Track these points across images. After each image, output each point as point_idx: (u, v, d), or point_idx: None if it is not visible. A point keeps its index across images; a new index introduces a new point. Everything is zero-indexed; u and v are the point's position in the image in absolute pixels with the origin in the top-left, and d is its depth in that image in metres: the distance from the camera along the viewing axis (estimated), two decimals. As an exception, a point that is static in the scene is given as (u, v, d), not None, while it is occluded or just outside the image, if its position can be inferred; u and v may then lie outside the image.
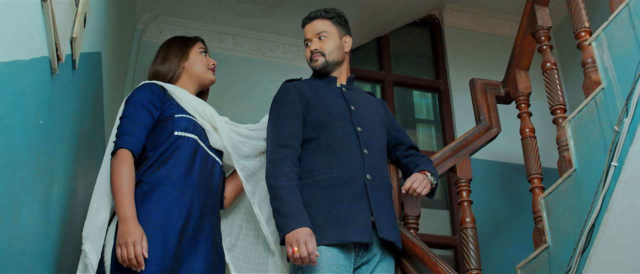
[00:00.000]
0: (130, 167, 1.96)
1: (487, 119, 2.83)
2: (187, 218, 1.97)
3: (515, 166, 3.87)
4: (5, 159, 1.37)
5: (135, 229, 1.84)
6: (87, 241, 1.91)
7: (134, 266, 1.81)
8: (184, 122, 2.11)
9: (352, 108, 2.34)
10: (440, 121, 4.43)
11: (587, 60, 2.25)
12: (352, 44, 2.49)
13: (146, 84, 2.16)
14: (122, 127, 2.04)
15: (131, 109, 2.07)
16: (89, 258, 1.89)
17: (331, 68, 2.39)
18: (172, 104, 2.14)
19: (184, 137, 2.09)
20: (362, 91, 2.51)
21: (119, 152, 1.98)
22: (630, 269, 2.07)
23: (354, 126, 2.28)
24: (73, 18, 1.91)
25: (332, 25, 2.41)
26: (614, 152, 1.95)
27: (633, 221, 1.97)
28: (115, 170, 1.95)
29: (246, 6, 4.12)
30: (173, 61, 2.27)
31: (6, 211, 1.41)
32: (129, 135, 2.01)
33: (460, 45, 4.59)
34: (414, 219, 2.61)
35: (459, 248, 3.76)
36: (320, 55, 2.37)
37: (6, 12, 1.30)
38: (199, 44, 2.35)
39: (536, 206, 2.43)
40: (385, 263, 2.19)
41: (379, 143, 2.34)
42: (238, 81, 4.14)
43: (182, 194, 1.99)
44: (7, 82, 1.35)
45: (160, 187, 1.97)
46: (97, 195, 2.00)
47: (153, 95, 2.10)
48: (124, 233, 1.83)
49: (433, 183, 2.27)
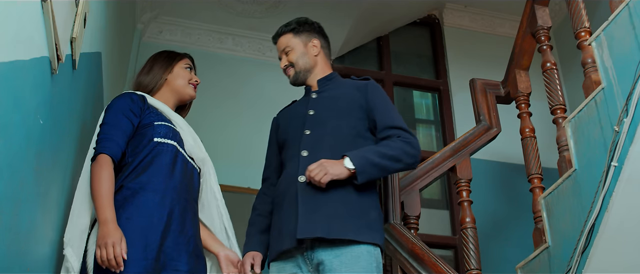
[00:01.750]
0: (110, 172, 1.99)
1: (487, 119, 2.83)
2: (168, 220, 1.99)
3: (515, 166, 3.87)
4: (5, 159, 1.37)
5: (114, 231, 1.86)
6: (68, 246, 1.93)
7: (113, 267, 1.84)
8: (163, 129, 2.14)
9: (310, 113, 2.34)
10: (440, 121, 4.43)
11: (587, 60, 2.25)
12: (321, 44, 2.48)
13: (126, 93, 2.20)
14: (102, 134, 2.07)
15: (111, 116, 2.10)
16: (70, 263, 1.91)
17: (304, 76, 2.43)
18: (152, 112, 2.17)
19: (163, 144, 2.11)
20: (341, 83, 2.44)
21: (99, 158, 2.00)
22: (630, 269, 2.07)
23: (303, 131, 2.29)
24: (73, 18, 1.91)
25: (293, 37, 2.45)
26: (614, 152, 1.95)
27: (633, 221, 1.97)
28: (95, 175, 1.97)
29: (246, 6, 4.12)
30: (157, 72, 2.30)
31: (6, 211, 1.41)
32: (109, 141, 2.04)
33: (460, 45, 4.59)
34: (414, 219, 2.62)
35: (459, 248, 3.76)
36: (290, 67, 2.44)
37: (6, 12, 1.30)
38: (185, 60, 2.38)
39: (536, 206, 2.43)
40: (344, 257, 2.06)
41: (335, 136, 2.25)
42: (238, 81, 4.14)
43: (162, 199, 2.02)
44: (7, 82, 1.35)
45: (142, 193, 1.99)
46: (77, 200, 2.02)
47: (133, 103, 2.14)
48: (104, 235, 1.86)
49: (350, 169, 2.09)
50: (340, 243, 2.06)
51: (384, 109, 2.31)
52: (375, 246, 2.11)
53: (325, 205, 2.11)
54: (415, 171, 2.70)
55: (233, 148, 3.80)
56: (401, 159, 2.16)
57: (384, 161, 2.14)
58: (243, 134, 3.91)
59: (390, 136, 2.23)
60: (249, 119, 3.97)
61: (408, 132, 2.24)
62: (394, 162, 2.16)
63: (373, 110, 2.30)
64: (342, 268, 2.03)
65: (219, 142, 3.63)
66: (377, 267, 2.09)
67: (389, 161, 2.15)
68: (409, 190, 2.66)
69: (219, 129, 3.87)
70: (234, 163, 3.63)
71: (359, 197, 2.15)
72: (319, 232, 2.07)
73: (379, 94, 2.36)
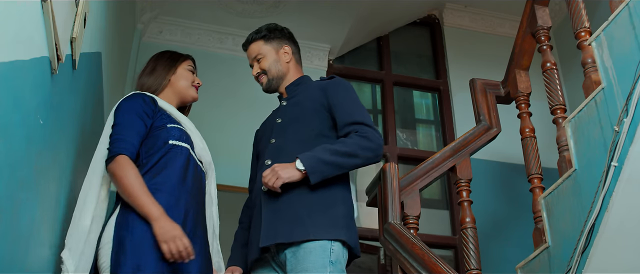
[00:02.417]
0: (136, 170, 1.99)
1: (487, 119, 2.83)
2: (183, 223, 1.99)
3: (515, 166, 3.87)
4: (5, 159, 1.37)
5: (171, 225, 1.89)
6: (67, 247, 1.94)
7: (185, 257, 1.88)
8: (177, 132, 2.14)
9: (278, 121, 2.35)
10: (440, 121, 4.43)
11: (587, 60, 2.25)
12: (292, 50, 2.45)
13: (137, 94, 2.19)
14: (116, 134, 2.06)
15: (125, 116, 2.09)
16: (66, 265, 1.92)
17: (276, 83, 2.42)
18: (163, 115, 2.17)
19: (178, 147, 2.12)
20: (308, 86, 2.40)
21: (119, 159, 1.99)
22: (630, 269, 2.07)
23: (270, 140, 2.31)
24: (73, 18, 1.91)
25: (264, 44, 2.43)
26: (614, 152, 1.95)
27: (633, 221, 1.97)
28: (123, 176, 1.96)
29: (246, 6, 4.12)
30: (160, 74, 2.30)
31: (6, 211, 1.41)
32: (124, 141, 2.03)
33: (460, 45, 4.59)
34: (414, 219, 2.61)
35: (459, 248, 3.76)
36: (263, 74, 2.42)
37: (6, 12, 1.30)
38: (188, 61, 2.37)
39: (536, 206, 2.43)
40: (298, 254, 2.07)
41: (297, 141, 2.25)
42: (238, 81, 4.14)
43: (177, 201, 2.02)
44: (7, 82, 1.35)
45: (158, 194, 1.99)
46: (80, 200, 2.02)
47: (145, 105, 2.13)
48: (164, 232, 1.88)
49: (301, 170, 2.10)
50: (299, 242, 2.08)
51: (343, 105, 2.27)
52: (333, 241, 2.08)
53: (287, 210, 2.13)
54: (415, 171, 2.70)
55: (233, 148, 3.80)
56: (357, 154, 2.14)
57: (338, 158, 2.13)
58: (243, 134, 3.89)
59: (349, 132, 2.21)
60: (248, 119, 3.94)
61: (368, 126, 2.20)
62: (348, 158, 2.14)
63: (333, 108, 2.28)
64: (297, 266, 2.05)
65: (218, 142, 3.62)
66: (335, 262, 2.06)
67: (343, 157, 2.13)
68: (409, 190, 2.66)
69: (218, 128, 3.87)
70: (234, 163, 3.63)
71: (321, 196, 2.15)
72: (280, 238, 2.10)
73: (339, 90, 2.31)
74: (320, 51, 4.35)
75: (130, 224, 1.92)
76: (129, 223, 1.92)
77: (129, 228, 1.92)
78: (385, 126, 4.29)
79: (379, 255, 3.73)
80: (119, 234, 1.92)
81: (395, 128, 4.31)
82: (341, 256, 2.09)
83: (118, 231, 1.93)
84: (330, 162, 2.12)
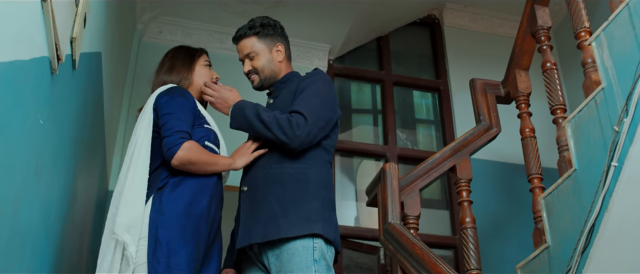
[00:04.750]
0: (202, 147, 2.09)
1: (487, 119, 2.83)
2: (211, 225, 2.05)
3: (515, 166, 3.87)
4: (5, 159, 1.37)
5: (244, 163, 2.21)
6: (127, 232, 1.91)
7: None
8: (212, 135, 2.19)
9: None
10: (440, 121, 4.43)
11: (587, 60, 2.25)
12: (285, 48, 2.40)
13: (182, 89, 2.20)
14: (173, 125, 2.06)
15: (178, 108, 2.11)
16: (129, 251, 1.90)
17: (268, 83, 2.38)
18: (199, 115, 2.19)
19: (212, 149, 2.16)
20: (291, 82, 2.35)
21: (186, 145, 2.03)
22: (630, 269, 2.07)
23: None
24: (73, 18, 1.91)
25: (258, 41, 2.35)
26: (614, 152, 1.95)
27: (633, 221, 1.97)
28: (198, 156, 2.05)
29: (246, 6, 4.12)
30: (180, 71, 2.28)
31: (6, 210, 1.41)
32: (183, 132, 2.06)
33: (460, 45, 4.59)
34: (414, 219, 2.62)
35: (459, 248, 3.76)
36: (255, 74, 2.37)
37: (6, 12, 1.30)
38: (204, 57, 2.37)
39: (536, 206, 2.43)
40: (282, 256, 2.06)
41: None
42: (237, 81, 4.12)
43: (209, 204, 2.06)
44: (7, 82, 1.35)
45: (199, 197, 2.05)
46: (129, 186, 1.99)
47: (189, 102, 2.15)
48: (243, 161, 2.22)
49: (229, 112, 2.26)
50: (279, 242, 2.06)
51: (300, 95, 2.23)
52: (313, 237, 2.05)
53: (263, 209, 2.12)
54: (415, 171, 2.70)
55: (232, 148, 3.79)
56: (270, 127, 2.14)
57: (255, 120, 2.17)
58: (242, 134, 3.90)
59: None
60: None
61: (304, 117, 2.15)
62: (262, 125, 2.16)
63: (295, 98, 2.24)
64: (281, 268, 2.03)
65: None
66: (319, 259, 2.04)
67: (259, 122, 2.16)
68: (409, 190, 2.66)
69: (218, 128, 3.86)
70: (234, 163, 3.62)
71: (294, 192, 2.12)
72: (255, 238, 2.09)
73: (307, 83, 2.26)
74: (320, 51, 4.35)
75: (167, 223, 1.94)
76: (165, 222, 1.94)
77: (166, 226, 1.94)
78: (385, 126, 4.29)
79: (379, 255, 3.73)
80: (154, 232, 1.93)
81: (395, 128, 4.30)
82: (326, 252, 2.07)
83: (153, 228, 1.94)
84: (248, 118, 2.19)
